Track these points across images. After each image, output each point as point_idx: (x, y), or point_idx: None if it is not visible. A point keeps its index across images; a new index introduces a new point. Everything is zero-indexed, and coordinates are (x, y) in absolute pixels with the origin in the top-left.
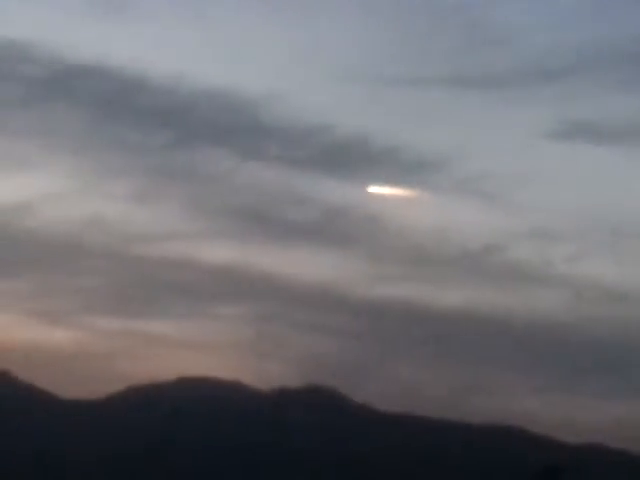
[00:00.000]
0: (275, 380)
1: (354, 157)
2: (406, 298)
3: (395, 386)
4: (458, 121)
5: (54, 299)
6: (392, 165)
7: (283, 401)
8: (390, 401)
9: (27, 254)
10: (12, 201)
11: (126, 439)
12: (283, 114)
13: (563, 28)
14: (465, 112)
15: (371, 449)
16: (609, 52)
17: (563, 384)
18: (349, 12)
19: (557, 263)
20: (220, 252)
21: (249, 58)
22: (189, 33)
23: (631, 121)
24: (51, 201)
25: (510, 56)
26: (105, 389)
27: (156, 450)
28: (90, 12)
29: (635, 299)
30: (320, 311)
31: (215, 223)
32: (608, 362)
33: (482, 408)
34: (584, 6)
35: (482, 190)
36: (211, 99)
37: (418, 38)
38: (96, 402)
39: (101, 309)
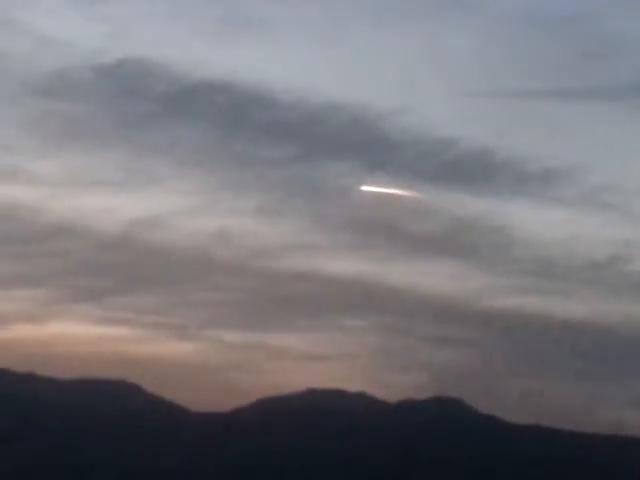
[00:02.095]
0: (401, 392)
1: (479, 170)
2: (532, 309)
3: (520, 397)
4: (582, 133)
5: (181, 313)
6: (517, 177)
7: (409, 412)
8: (515, 412)
9: (155, 268)
10: (140, 216)
11: (255, 451)
12: (409, 128)
13: None
14: (589, 124)
15: (497, 460)
16: None
17: None
18: (472, 27)
19: None
20: (345, 265)
21: (374, 73)
22: (314, 49)
23: None
24: (178, 216)
25: (632, 67)
26: (233, 402)
27: (286, 463)
28: (217, 30)
29: None
30: (446, 323)
31: (340, 236)
32: None
33: (607, 419)
34: None
35: (607, 202)
36: (336, 113)
37: (541, 51)
38: (224, 415)
39: (228, 322)
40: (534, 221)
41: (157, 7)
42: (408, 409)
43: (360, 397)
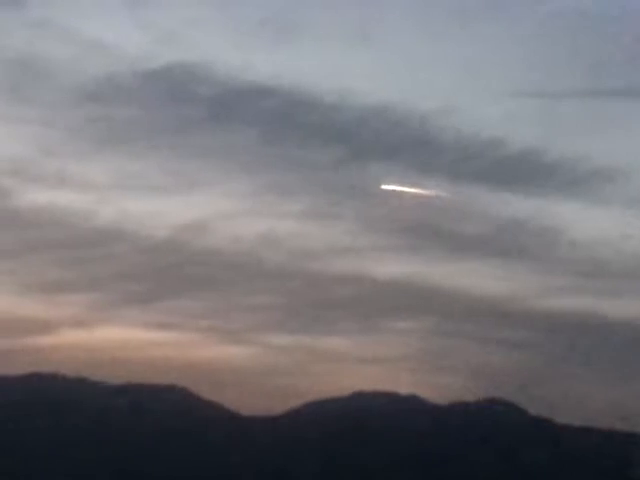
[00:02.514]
0: (452, 394)
1: (527, 170)
2: (580, 310)
3: (570, 398)
4: (633, 133)
5: (230, 317)
6: (565, 178)
7: (461, 414)
8: (566, 413)
9: (203, 272)
10: (188, 220)
11: (305, 454)
12: (455, 128)
13: None
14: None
15: (548, 461)
16: None
17: None
18: (519, 26)
19: None
20: (393, 267)
21: (419, 74)
22: (358, 50)
23: None
24: (225, 219)
25: None
26: (283, 405)
27: (336, 466)
28: (261, 33)
29: None
30: (495, 324)
31: (387, 238)
32: None
33: None
34: None
35: None
36: (381, 115)
37: (588, 50)
38: (275, 418)
39: (276, 326)
40: (584, 221)
41: (203, 12)
42: (459, 411)
43: (410, 399)
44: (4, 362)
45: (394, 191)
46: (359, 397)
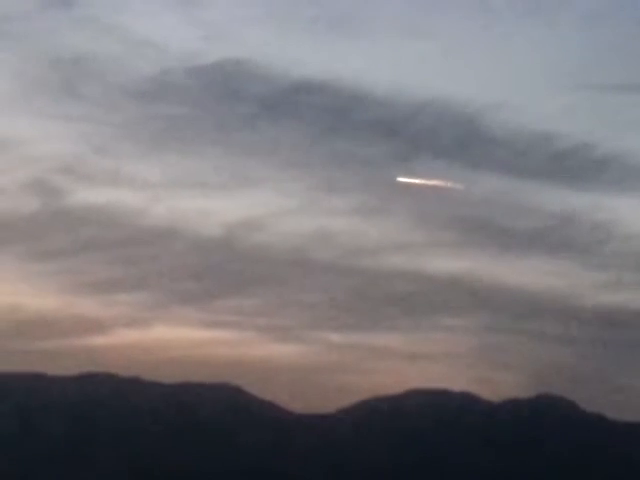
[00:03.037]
0: (505, 390)
1: (580, 164)
2: (635, 305)
3: (626, 395)
4: None
5: (283, 315)
6: (618, 172)
7: (514, 411)
8: (622, 410)
9: (256, 270)
10: (241, 218)
11: (358, 452)
12: (507, 124)
13: None
14: None
15: (603, 458)
16: None
17: None
18: (570, 21)
19: None
20: (447, 263)
21: (471, 69)
22: (412, 45)
23: None
24: (278, 217)
25: None
26: (336, 403)
27: (390, 463)
28: (313, 29)
29: None
30: (549, 320)
31: (441, 234)
32: None
33: None
34: None
35: None
36: (434, 111)
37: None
38: (328, 415)
39: (329, 323)
40: (637, 215)
41: (253, 8)
42: (512, 408)
43: (464, 396)
44: (58, 362)
45: (447, 187)
46: (412, 395)
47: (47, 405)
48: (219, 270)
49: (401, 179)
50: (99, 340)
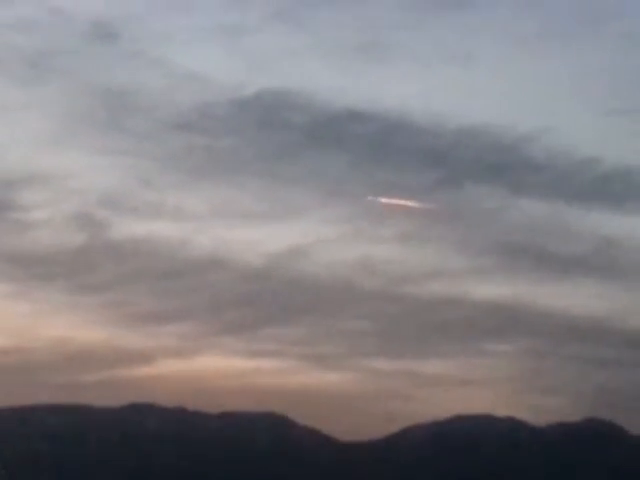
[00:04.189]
0: (550, 415)
1: (623, 188)
2: None
3: None
4: None
5: (328, 343)
6: None
7: (560, 436)
8: None
9: (300, 299)
10: (283, 247)
11: (405, 478)
12: (551, 148)
13: None
14: None
15: None
16: None
17: None
18: (612, 45)
19: None
20: (490, 289)
21: (514, 94)
22: (453, 72)
23: None
24: (321, 245)
25: None
26: (382, 430)
27: None
28: (354, 57)
29: None
30: (594, 344)
31: (484, 260)
32: None
33: None
34: None
35: None
36: (476, 137)
37: None
38: (374, 443)
39: (374, 351)
40: None
41: (295, 38)
42: (559, 433)
43: (509, 422)
44: (103, 393)
45: (491, 212)
46: (457, 420)
47: (94, 436)
48: (263, 299)
49: (444, 205)
50: (143, 371)
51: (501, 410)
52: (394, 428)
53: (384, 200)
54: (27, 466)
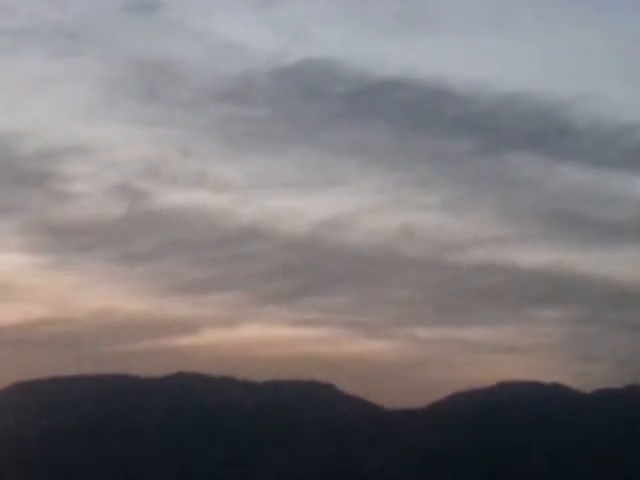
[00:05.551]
0: (596, 381)
1: None
2: None
3: None
4: None
5: (372, 311)
6: None
7: (606, 402)
8: None
9: (343, 268)
10: (326, 216)
11: (451, 445)
12: (591, 115)
13: None
14: None
15: None
16: None
17: None
18: None
19: None
20: (534, 256)
21: (553, 62)
22: (491, 40)
23: None
24: (363, 214)
25: None
26: (427, 398)
27: (482, 455)
28: (393, 27)
29: None
30: (637, 309)
31: (527, 227)
32: None
33: None
34: None
35: None
36: (516, 104)
37: None
38: (420, 411)
39: (418, 319)
40: None
41: (334, 8)
42: (604, 398)
43: (555, 388)
44: (149, 363)
45: (533, 180)
46: (503, 387)
47: (140, 406)
48: (307, 269)
49: (486, 173)
50: (189, 341)
51: (546, 376)
52: (439, 395)
53: (426, 167)
54: (74, 435)
